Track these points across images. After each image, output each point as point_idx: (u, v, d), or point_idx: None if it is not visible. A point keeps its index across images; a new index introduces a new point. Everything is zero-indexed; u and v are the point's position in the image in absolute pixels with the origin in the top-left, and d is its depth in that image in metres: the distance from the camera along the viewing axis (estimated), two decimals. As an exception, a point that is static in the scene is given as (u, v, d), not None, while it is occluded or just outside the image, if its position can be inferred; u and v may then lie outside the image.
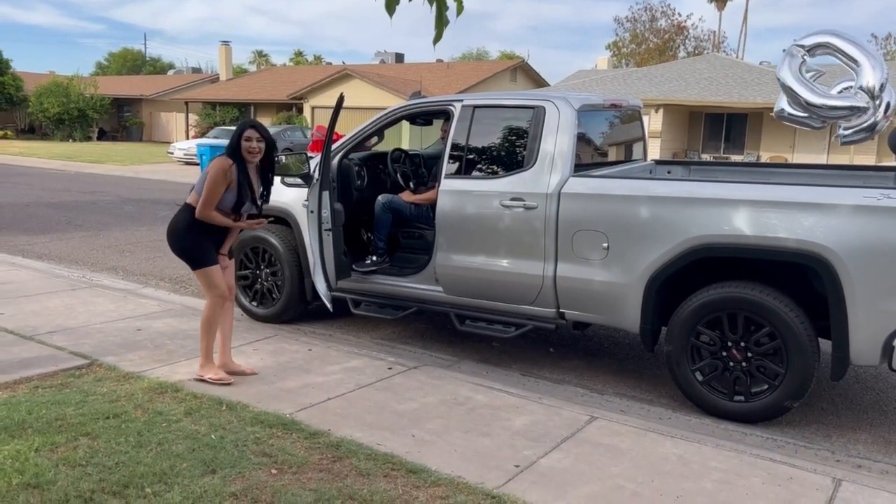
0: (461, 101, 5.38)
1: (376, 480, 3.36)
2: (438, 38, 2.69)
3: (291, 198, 5.82)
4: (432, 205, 5.37)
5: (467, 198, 5.12)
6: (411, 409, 4.26)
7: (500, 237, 5.00)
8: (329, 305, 5.54)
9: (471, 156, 5.25)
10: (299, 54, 66.84)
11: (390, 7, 2.63)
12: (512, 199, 4.93)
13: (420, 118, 6.15)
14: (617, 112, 5.84)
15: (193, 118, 39.56)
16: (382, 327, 6.30)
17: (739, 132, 27.01)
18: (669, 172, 6.36)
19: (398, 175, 6.18)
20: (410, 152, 6.57)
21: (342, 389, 4.54)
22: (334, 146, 5.64)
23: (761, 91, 24.45)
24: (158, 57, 80.00)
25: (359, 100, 27.88)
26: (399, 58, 44.44)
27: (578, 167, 4.93)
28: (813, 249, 4.04)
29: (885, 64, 5.46)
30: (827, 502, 3.33)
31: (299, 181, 5.61)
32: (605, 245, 4.64)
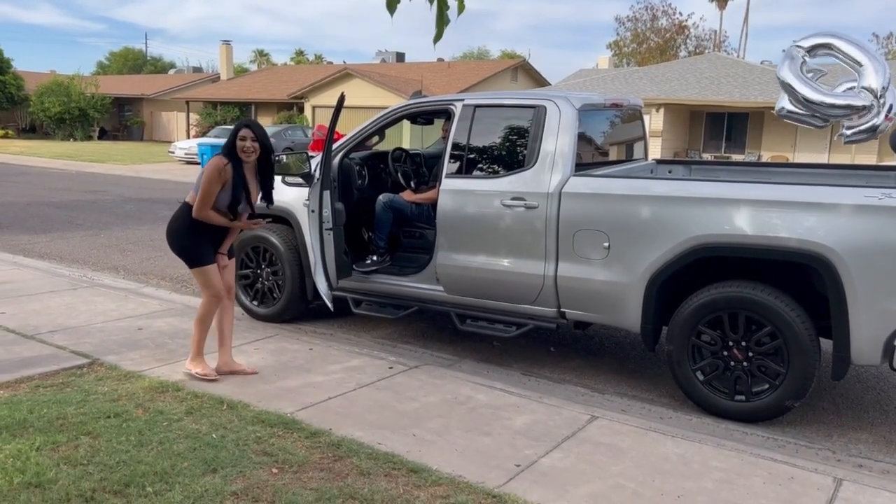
0: (462, 101, 5.37)
1: (377, 480, 3.36)
2: (439, 37, 2.69)
3: (292, 197, 5.82)
4: (433, 204, 5.37)
5: (468, 197, 5.12)
6: (412, 409, 4.26)
7: (501, 237, 5.00)
8: (330, 305, 5.54)
9: (472, 155, 5.25)
10: (300, 53, 66.93)
11: (391, 6, 2.63)
12: (513, 199, 4.92)
13: (421, 118, 6.16)
14: (618, 111, 5.84)
15: (194, 117, 39.60)
16: (383, 327, 6.30)
17: (740, 132, 27.00)
18: (670, 172, 6.35)
19: (399, 174, 6.18)
20: (411, 152, 6.57)
21: (343, 389, 4.54)
22: (335, 145, 5.64)
23: (762, 90, 24.43)
24: (159, 56, 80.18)
25: (360, 99, 27.89)
26: (400, 57, 44.46)
27: (579, 167, 4.92)
28: (814, 249, 4.04)
29: (888, 65, 5.44)
30: (828, 502, 3.33)
31: (300, 180, 5.61)
32: (606, 244, 4.64)
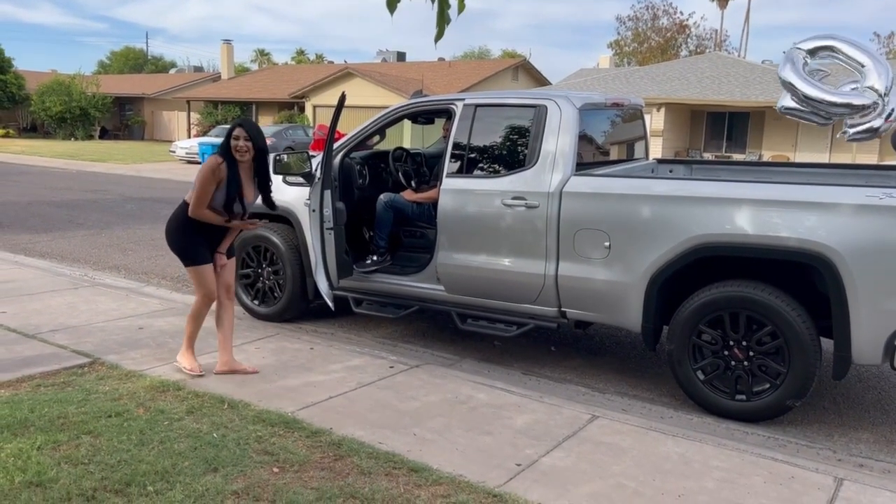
0: (463, 100, 5.37)
1: (378, 479, 3.36)
2: (440, 37, 2.69)
3: (293, 196, 5.82)
4: (434, 204, 5.37)
5: (469, 197, 5.12)
6: (413, 408, 4.26)
7: (502, 236, 4.99)
8: (331, 304, 5.55)
9: (472, 155, 5.24)
10: (301, 53, 66.92)
11: (391, 5, 2.63)
12: (514, 198, 4.92)
13: (422, 117, 6.16)
14: (619, 111, 5.84)
15: (195, 117, 39.60)
16: (384, 326, 6.30)
17: (741, 131, 26.98)
18: (671, 171, 6.35)
19: (400, 174, 6.19)
20: (412, 151, 6.58)
21: (344, 388, 4.54)
22: (336, 145, 5.64)
23: (763, 90, 24.40)
24: (160, 55, 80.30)
25: (360, 98, 27.89)
26: (401, 56, 44.45)
27: (580, 166, 4.92)
28: (815, 248, 4.04)
29: (890, 66, 5.42)
30: (829, 501, 3.33)
31: (301, 180, 5.61)
32: (607, 244, 4.64)
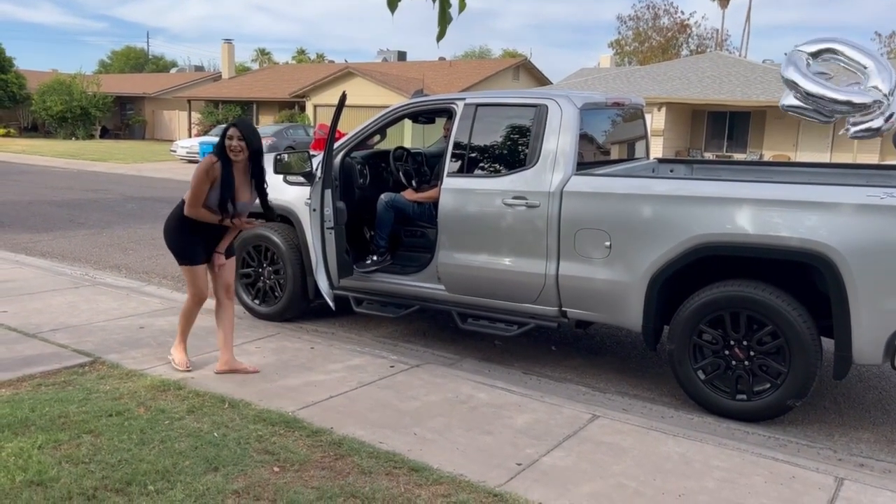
0: (464, 100, 5.37)
1: (378, 478, 3.36)
2: (441, 36, 2.68)
3: (294, 196, 5.82)
4: (435, 203, 5.37)
5: (470, 196, 5.12)
6: (413, 408, 4.26)
7: (503, 236, 4.99)
8: (331, 303, 5.55)
9: (473, 154, 5.24)
10: (302, 52, 66.91)
11: (392, 5, 2.62)
12: (514, 198, 4.92)
13: (422, 116, 6.15)
14: (619, 110, 5.83)
15: (196, 116, 39.60)
16: (384, 325, 6.30)
17: (742, 131, 26.96)
18: (672, 171, 6.35)
19: (400, 173, 6.18)
20: (413, 151, 6.57)
21: (344, 387, 4.54)
22: (337, 144, 5.64)
23: (764, 89, 24.39)
24: (161, 55, 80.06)
25: (361, 98, 27.89)
26: (401, 56, 44.44)
27: (581, 166, 4.92)
28: (816, 248, 4.04)
29: (893, 69, 5.41)
30: (829, 501, 3.33)
31: (302, 179, 5.61)
32: (608, 244, 4.64)
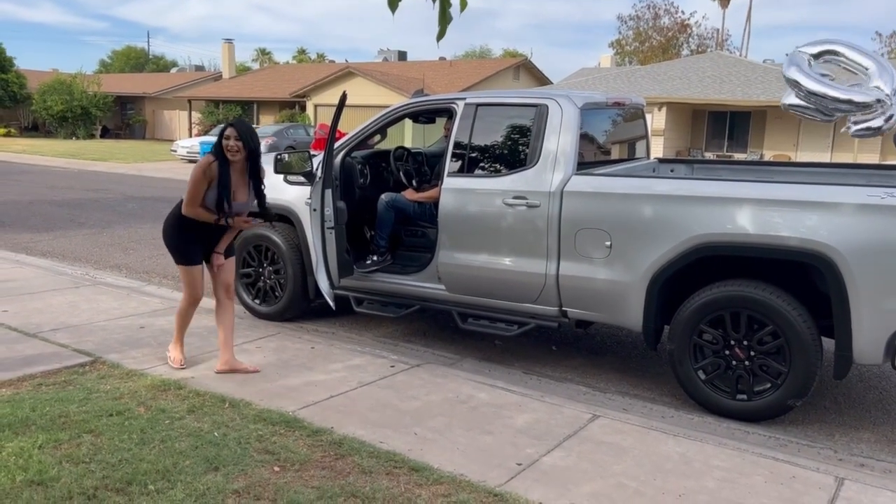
0: (464, 100, 5.37)
1: (379, 478, 3.36)
2: (442, 35, 2.68)
3: (294, 196, 5.83)
4: (435, 203, 5.37)
5: (470, 196, 5.12)
6: (413, 407, 4.26)
7: (503, 235, 4.99)
8: (332, 303, 5.55)
9: (473, 154, 5.24)
10: (302, 52, 66.89)
11: (393, 4, 2.62)
12: (515, 198, 4.92)
13: (423, 116, 6.15)
14: (620, 110, 5.83)
15: (196, 116, 39.60)
16: (385, 325, 6.30)
17: (743, 130, 26.96)
18: (672, 171, 6.35)
19: (401, 173, 6.18)
20: (413, 150, 6.57)
21: (345, 387, 4.54)
22: (337, 144, 5.64)
23: (765, 89, 24.39)
24: (161, 55, 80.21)
25: (362, 98, 27.89)
26: (402, 56, 44.43)
27: (581, 165, 4.92)
28: (816, 248, 4.04)
29: (894, 69, 5.40)
30: (829, 501, 3.33)
31: (302, 179, 5.61)
32: (608, 243, 4.64)
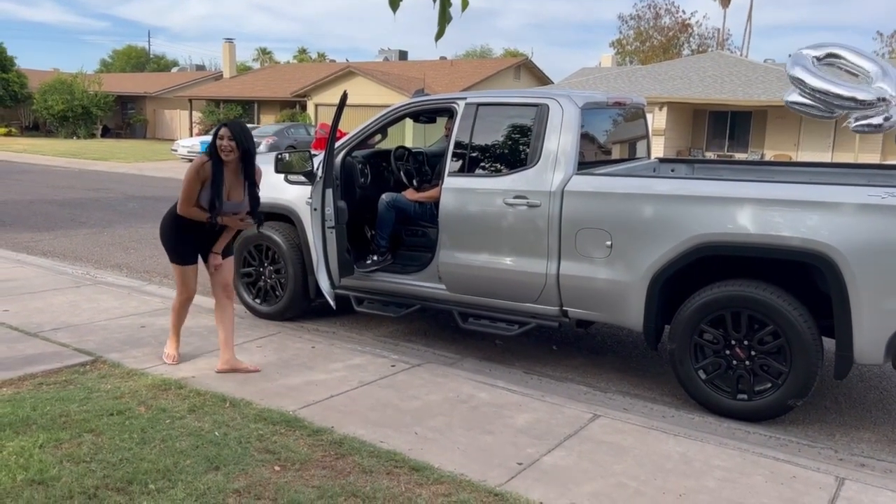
0: (465, 99, 5.37)
1: (379, 478, 3.37)
2: (441, 35, 2.67)
3: (295, 195, 5.83)
4: (436, 203, 5.37)
5: (471, 196, 5.12)
6: (414, 407, 4.26)
7: (504, 235, 4.99)
8: (332, 303, 5.55)
9: (474, 154, 5.24)
10: (303, 52, 66.87)
11: (394, 4, 2.62)
12: (515, 198, 4.92)
13: (423, 116, 6.15)
14: (620, 110, 5.83)
15: (197, 115, 39.61)
16: (385, 325, 6.30)
17: (743, 130, 26.94)
18: (673, 171, 6.35)
19: (401, 173, 6.18)
20: (414, 150, 6.57)
21: (345, 387, 4.54)
22: (338, 144, 5.64)
23: (766, 89, 24.38)
24: (162, 54, 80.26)
25: (362, 97, 27.89)
26: (403, 55, 44.43)
27: (582, 165, 4.92)
28: (817, 248, 4.03)
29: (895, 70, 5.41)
30: (830, 501, 3.33)
31: (303, 179, 5.61)
32: (609, 243, 4.64)
